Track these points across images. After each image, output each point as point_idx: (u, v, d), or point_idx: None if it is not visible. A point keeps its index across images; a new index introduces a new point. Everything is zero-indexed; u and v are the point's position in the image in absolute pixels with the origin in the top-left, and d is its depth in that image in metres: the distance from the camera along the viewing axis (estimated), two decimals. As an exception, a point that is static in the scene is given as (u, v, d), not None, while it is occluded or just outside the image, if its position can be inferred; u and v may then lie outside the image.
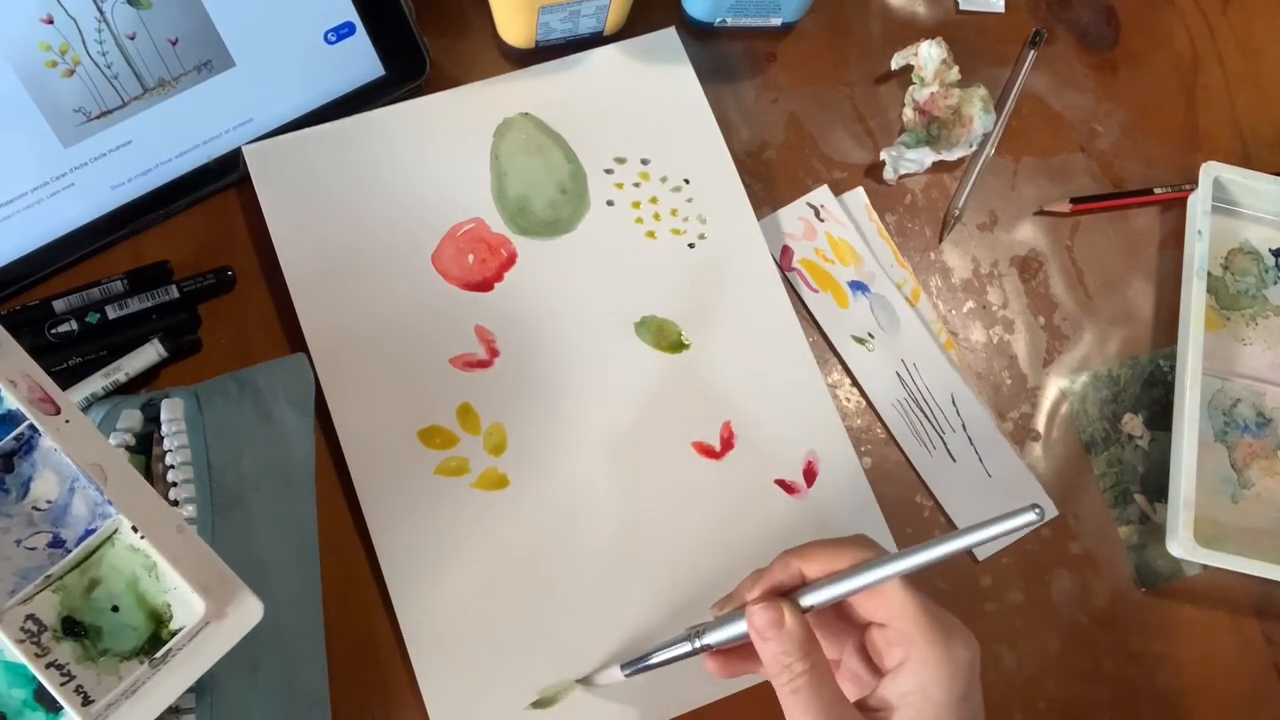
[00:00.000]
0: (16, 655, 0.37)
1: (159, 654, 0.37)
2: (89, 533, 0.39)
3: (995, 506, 0.55)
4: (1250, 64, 0.65)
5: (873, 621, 0.41)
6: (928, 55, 0.60)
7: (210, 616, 0.37)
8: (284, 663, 0.47)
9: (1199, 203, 0.59)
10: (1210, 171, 0.59)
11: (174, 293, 0.53)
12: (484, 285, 0.55)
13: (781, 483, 0.54)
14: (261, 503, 0.49)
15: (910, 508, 0.55)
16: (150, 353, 0.51)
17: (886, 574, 0.38)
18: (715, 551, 0.53)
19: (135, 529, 0.38)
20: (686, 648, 0.43)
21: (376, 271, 0.54)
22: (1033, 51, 0.63)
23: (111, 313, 0.52)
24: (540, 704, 0.50)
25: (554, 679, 0.50)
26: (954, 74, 0.59)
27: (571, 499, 0.52)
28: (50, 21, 0.50)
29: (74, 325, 0.51)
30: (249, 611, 0.38)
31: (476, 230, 0.55)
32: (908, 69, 0.61)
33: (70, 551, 0.39)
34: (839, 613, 0.43)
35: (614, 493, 0.53)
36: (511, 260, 0.55)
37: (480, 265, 0.55)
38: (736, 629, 0.41)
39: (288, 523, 0.49)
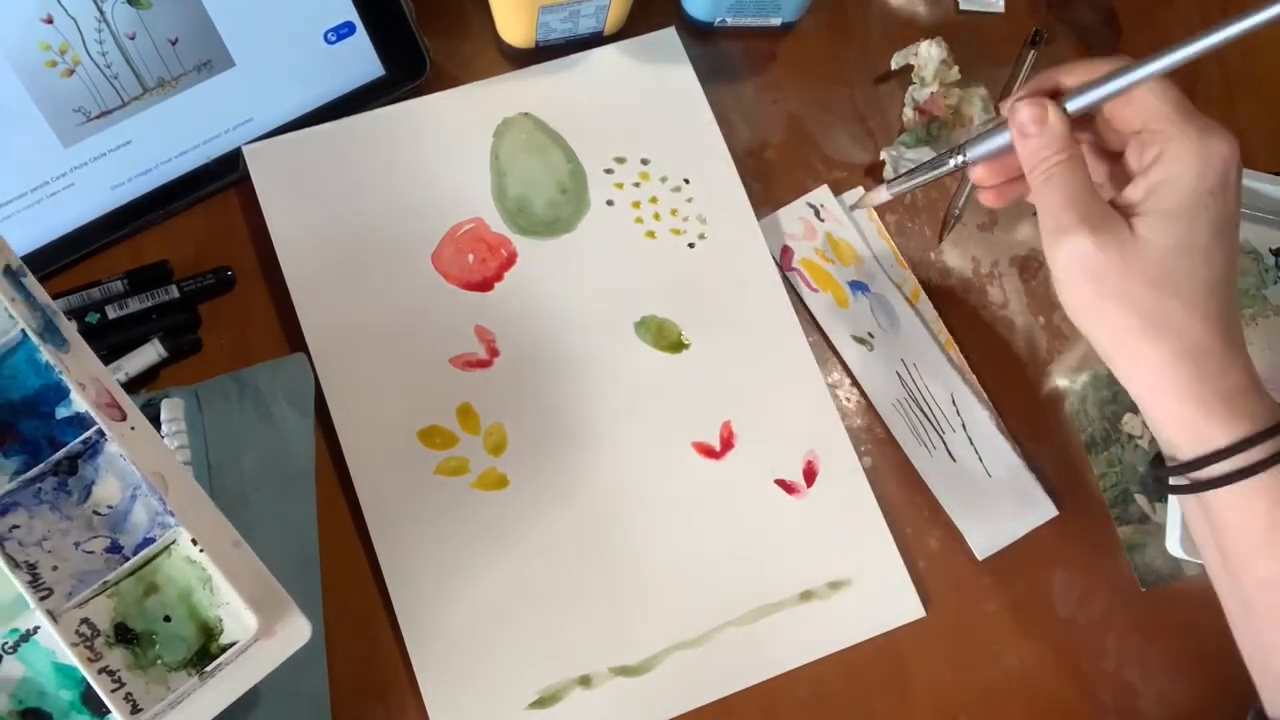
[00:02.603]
0: (70, 658, 0.37)
1: (209, 667, 0.37)
2: (147, 541, 0.39)
3: (995, 506, 0.55)
4: (1250, 64, 0.65)
5: (1129, 133, 0.42)
6: (928, 55, 0.60)
7: (261, 634, 0.37)
8: (284, 663, 0.47)
9: (1199, 203, 0.59)
10: (1210, 171, 0.59)
11: (174, 293, 0.53)
12: (484, 285, 0.55)
13: (781, 482, 0.54)
14: (261, 503, 0.49)
15: (910, 508, 0.55)
16: (150, 353, 0.51)
17: (1144, 74, 0.40)
18: (715, 551, 0.53)
19: (194, 541, 0.38)
20: (950, 164, 0.46)
21: (376, 271, 0.54)
22: (1033, 51, 0.63)
23: (111, 313, 0.52)
24: (540, 704, 0.50)
25: (554, 679, 0.50)
26: (954, 74, 0.59)
27: (571, 499, 0.52)
28: (50, 21, 0.50)
29: (74, 325, 0.51)
30: (297, 631, 0.39)
31: (476, 230, 0.55)
32: (908, 69, 0.61)
33: (128, 558, 0.39)
34: (1094, 143, 0.45)
35: (614, 493, 0.53)
36: (511, 260, 0.55)
37: (480, 265, 0.55)
38: (998, 140, 0.44)
39: (288, 523, 0.49)
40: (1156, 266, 0.39)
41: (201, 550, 0.38)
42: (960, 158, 0.45)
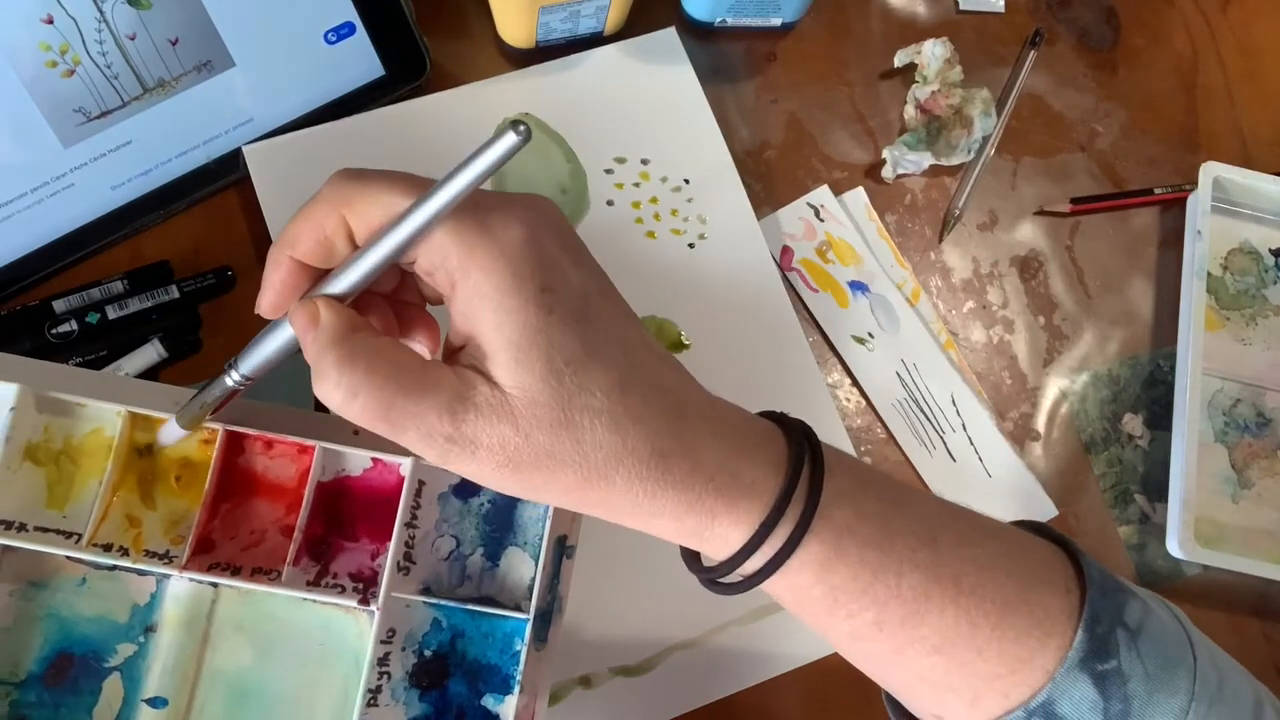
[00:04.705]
0: None
1: None
2: None
3: (995, 506, 0.55)
4: (1250, 64, 0.65)
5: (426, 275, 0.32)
6: (931, 54, 0.60)
7: None
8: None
9: (1199, 203, 0.59)
10: (1210, 171, 0.59)
11: (174, 293, 0.53)
12: (484, 285, 0.55)
13: (781, 483, 0.54)
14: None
15: (910, 508, 0.55)
16: (150, 353, 0.51)
17: (399, 241, 0.31)
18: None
19: None
20: (227, 384, 0.36)
21: (376, 271, 0.54)
22: (1033, 51, 0.63)
23: (111, 313, 0.52)
24: (540, 704, 0.50)
25: (554, 679, 0.50)
26: (957, 73, 0.59)
27: (571, 499, 0.52)
28: (50, 22, 0.50)
29: (74, 325, 0.51)
30: None
31: (476, 230, 0.55)
32: (911, 67, 0.61)
33: None
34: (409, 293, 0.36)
35: (614, 493, 0.53)
36: (511, 260, 0.55)
37: (480, 265, 0.55)
38: (272, 344, 0.34)
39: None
40: (548, 406, 0.30)
41: None
42: (235, 374, 0.35)
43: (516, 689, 0.40)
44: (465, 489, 0.42)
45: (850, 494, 0.34)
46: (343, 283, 0.32)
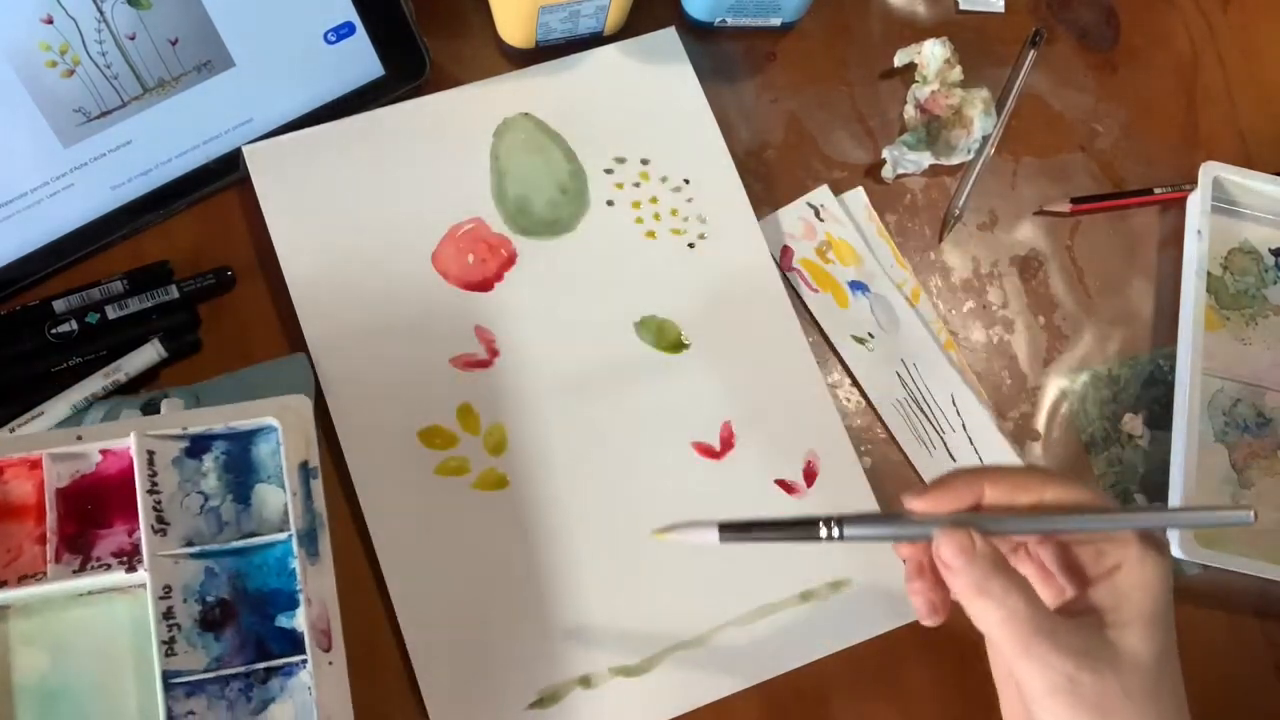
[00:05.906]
0: None
1: None
2: None
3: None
4: (1250, 64, 0.65)
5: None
6: (931, 54, 0.60)
7: None
8: None
9: (1199, 203, 0.59)
10: (1210, 171, 0.59)
11: (174, 293, 0.53)
12: (484, 285, 0.55)
13: (781, 483, 0.54)
14: (262, 504, 0.49)
15: (910, 508, 0.55)
16: (150, 353, 0.51)
17: (1084, 526, 0.39)
18: (714, 552, 0.53)
19: None
20: (817, 532, 0.38)
21: (376, 271, 0.54)
22: (1033, 51, 0.63)
23: (111, 313, 0.52)
24: (540, 704, 0.50)
25: (554, 679, 0.50)
26: (956, 74, 0.59)
27: (571, 499, 0.52)
28: (50, 21, 0.50)
29: (74, 325, 0.51)
30: None
31: (476, 230, 0.55)
32: (911, 67, 0.61)
33: None
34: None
35: (613, 493, 0.53)
36: (511, 260, 0.55)
37: (480, 265, 0.55)
38: (894, 532, 0.39)
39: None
40: (1154, 679, 0.38)
41: None
42: (835, 530, 0.38)
43: (304, 601, 0.42)
44: (195, 449, 0.45)
45: None
46: (1011, 525, 0.39)
